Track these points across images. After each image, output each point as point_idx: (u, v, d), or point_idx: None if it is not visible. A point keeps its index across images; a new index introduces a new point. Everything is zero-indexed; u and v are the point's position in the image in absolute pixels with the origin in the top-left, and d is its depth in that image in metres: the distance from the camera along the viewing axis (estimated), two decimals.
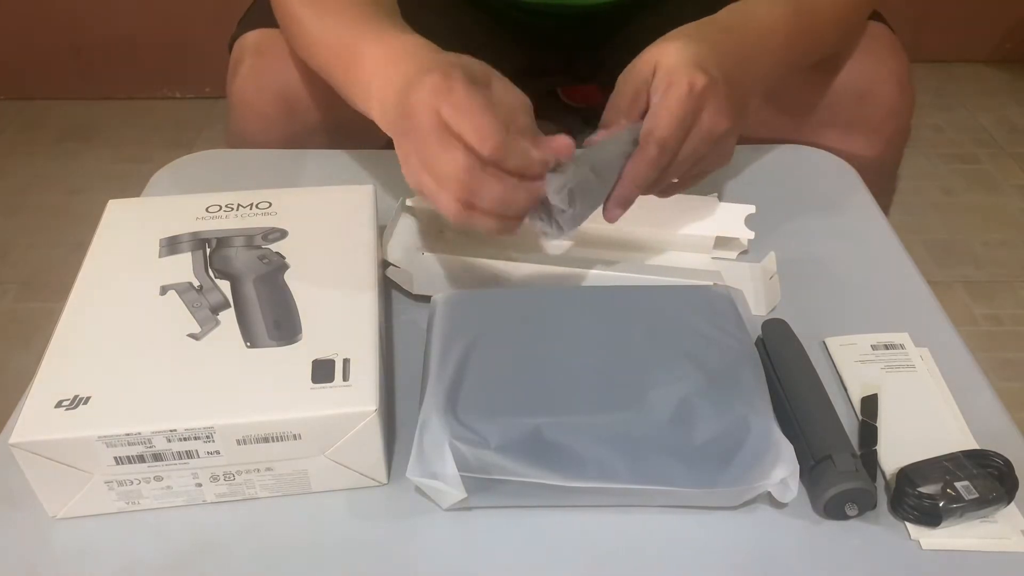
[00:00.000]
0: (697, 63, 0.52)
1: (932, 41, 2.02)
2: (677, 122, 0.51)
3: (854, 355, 0.57)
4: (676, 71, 0.52)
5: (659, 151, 0.52)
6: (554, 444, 0.45)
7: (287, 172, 0.74)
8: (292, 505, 0.48)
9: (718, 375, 0.48)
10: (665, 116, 0.51)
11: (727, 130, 0.53)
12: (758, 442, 0.46)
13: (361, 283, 0.54)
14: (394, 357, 0.57)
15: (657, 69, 0.53)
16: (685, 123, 0.52)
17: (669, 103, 0.51)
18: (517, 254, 0.61)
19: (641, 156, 0.52)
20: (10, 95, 2.03)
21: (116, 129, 1.95)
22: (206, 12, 1.88)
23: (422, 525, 0.47)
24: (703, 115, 0.52)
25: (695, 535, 0.46)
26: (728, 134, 0.54)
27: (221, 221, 0.58)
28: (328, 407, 0.45)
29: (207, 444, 0.45)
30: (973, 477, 0.46)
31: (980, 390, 0.55)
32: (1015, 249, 1.63)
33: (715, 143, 0.54)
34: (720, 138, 0.54)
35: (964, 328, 1.42)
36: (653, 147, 0.51)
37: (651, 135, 0.51)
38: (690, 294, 0.55)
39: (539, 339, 0.51)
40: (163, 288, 0.53)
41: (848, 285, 0.63)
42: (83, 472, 0.45)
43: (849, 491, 0.45)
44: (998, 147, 1.90)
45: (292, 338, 0.49)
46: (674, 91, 0.51)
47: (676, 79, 0.51)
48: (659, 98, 0.52)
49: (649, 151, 0.52)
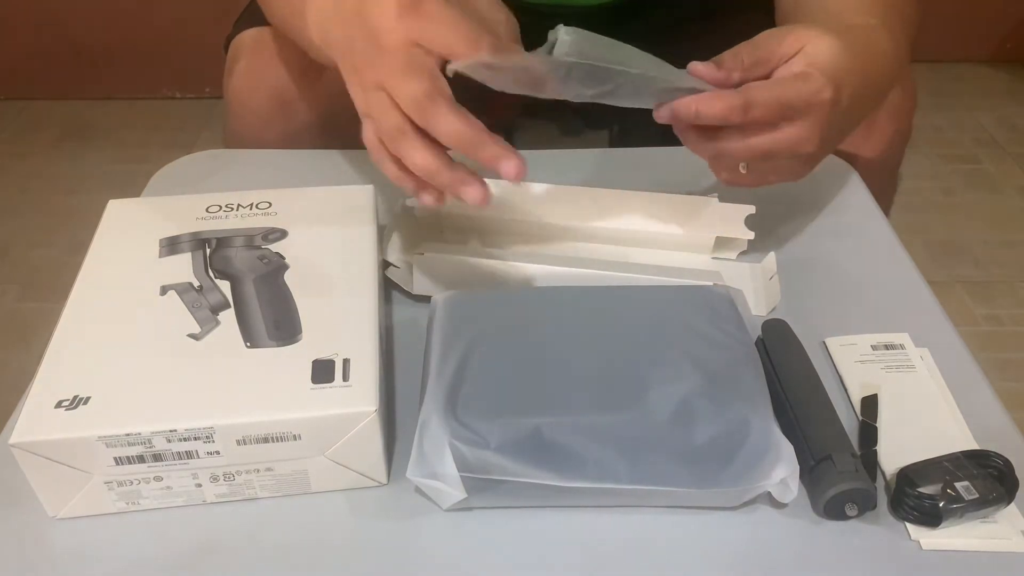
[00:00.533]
0: (838, 75, 0.51)
1: (932, 41, 2.01)
2: (781, 105, 0.50)
3: (854, 355, 0.57)
4: (819, 66, 0.50)
5: (743, 106, 0.49)
6: (554, 444, 0.45)
7: (287, 172, 0.74)
8: (292, 505, 0.48)
9: (718, 375, 0.48)
10: (778, 92, 0.50)
11: (810, 154, 0.53)
12: (758, 442, 0.46)
13: (361, 283, 0.54)
14: (394, 357, 0.57)
15: (801, 52, 0.51)
16: (785, 112, 0.50)
17: (790, 87, 0.50)
18: (517, 254, 0.61)
19: (725, 95, 0.50)
20: (10, 95, 2.03)
21: (116, 129, 1.95)
22: (206, 12, 1.88)
23: (422, 525, 0.47)
24: (800, 123, 0.51)
25: (695, 535, 0.46)
26: (809, 158, 0.53)
27: (221, 221, 0.58)
28: (328, 407, 0.45)
29: (207, 444, 0.45)
30: (973, 477, 0.46)
31: (980, 390, 0.55)
32: (1015, 249, 1.63)
33: (792, 155, 0.53)
34: (799, 155, 0.53)
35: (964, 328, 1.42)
36: (742, 98, 0.50)
37: (753, 90, 0.50)
38: (690, 294, 0.55)
39: (539, 339, 0.51)
40: (163, 288, 0.53)
41: (848, 285, 0.63)
42: (83, 472, 0.45)
43: (849, 491, 0.45)
44: (998, 147, 1.90)
45: (292, 338, 0.49)
46: (804, 85, 0.50)
47: (814, 76, 0.50)
48: (787, 75, 0.51)
49: (735, 97, 0.50)
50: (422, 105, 0.46)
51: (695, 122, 0.52)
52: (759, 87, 0.51)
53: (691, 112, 0.51)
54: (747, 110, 0.50)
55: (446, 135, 0.47)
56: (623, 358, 0.49)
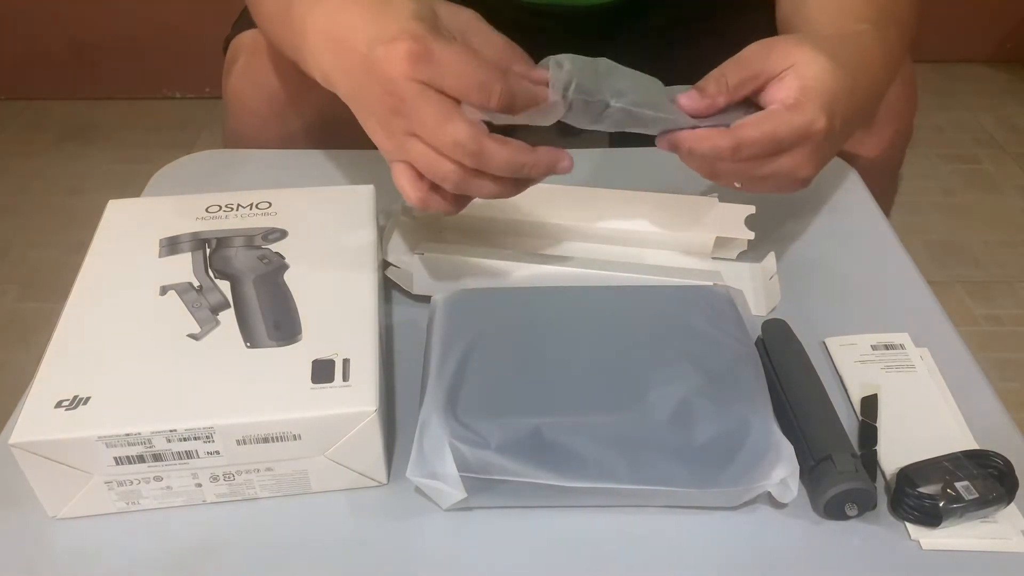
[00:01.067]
0: (831, 101, 0.50)
1: (932, 41, 2.01)
2: (773, 142, 0.50)
3: (854, 355, 0.57)
4: (810, 95, 0.49)
5: (733, 147, 0.49)
6: (554, 444, 0.45)
7: (287, 172, 0.74)
8: (292, 505, 0.48)
9: (718, 375, 0.48)
10: (769, 129, 0.49)
11: (808, 177, 0.53)
12: (758, 442, 0.46)
13: (361, 283, 0.54)
14: (394, 357, 0.57)
15: (792, 71, 0.51)
16: (778, 147, 0.50)
17: (782, 123, 0.49)
18: (517, 254, 0.61)
19: (714, 135, 0.50)
20: (10, 95, 2.03)
21: (116, 129, 1.95)
22: (206, 12, 1.88)
23: (422, 525, 0.47)
24: (797, 152, 0.51)
25: (695, 535, 0.46)
26: (807, 180, 0.53)
27: (221, 221, 0.58)
28: (328, 407, 0.45)
29: (207, 444, 0.45)
30: (973, 477, 0.46)
31: (980, 390, 0.55)
32: (1015, 249, 1.63)
33: (789, 180, 0.53)
34: (794, 179, 0.53)
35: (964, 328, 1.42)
36: (732, 139, 0.49)
37: (744, 129, 0.49)
38: (690, 294, 0.55)
39: (539, 339, 0.51)
40: (163, 288, 0.53)
41: (848, 285, 0.63)
42: (83, 472, 0.45)
43: (849, 491, 0.45)
44: (998, 147, 1.90)
45: (292, 338, 0.49)
46: (796, 118, 0.49)
47: (806, 107, 0.49)
48: (777, 105, 0.50)
49: (725, 138, 0.50)
50: (469, 150, 0.46)
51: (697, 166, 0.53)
52: (750, 125, 0.50)
53: (684, 150, 0.52)
54: (738, 151, 0.50)
55: (499, 169, 0.48)
56: (623, 358, 0.49)
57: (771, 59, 0.51)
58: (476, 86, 0.45)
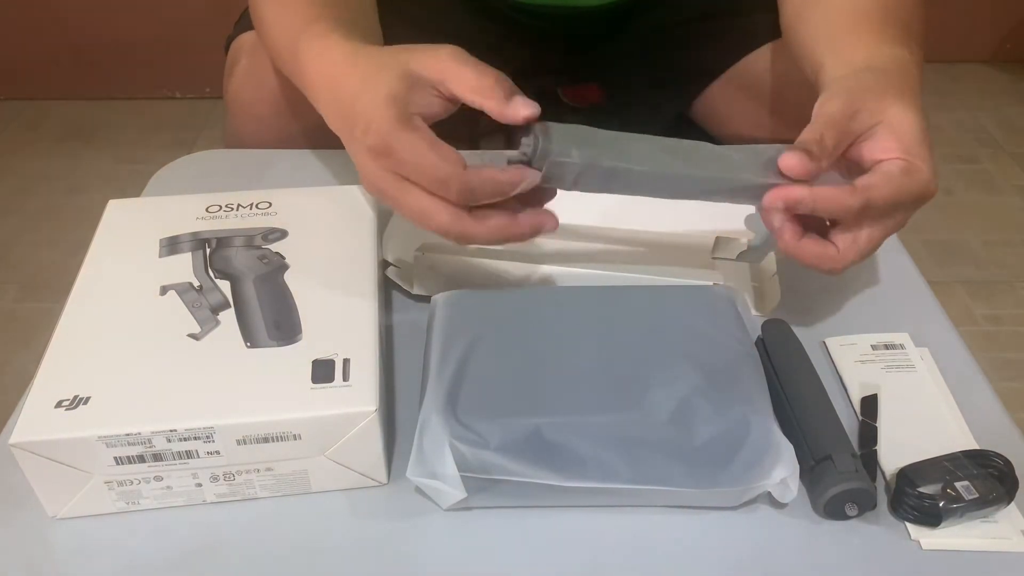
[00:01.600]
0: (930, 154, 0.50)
1: (932, 41, 2.01)
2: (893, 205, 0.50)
3: (854, 355, 0.57)
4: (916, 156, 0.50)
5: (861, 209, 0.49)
6: (554, 444, 0.45)
7: (287, 172, 0.74)
8: (292, 505, 0.48)
9: (718, 375, 0.48)
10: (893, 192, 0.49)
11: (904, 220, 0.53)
12: (758, 442, 0.46)
13: (361, 283, 0.54)
14: (394, 357, 0.57)
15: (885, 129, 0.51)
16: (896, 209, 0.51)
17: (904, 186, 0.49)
18: (517, 254, 0.61)
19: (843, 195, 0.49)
20: (10, 95, 2.03)
21: (116, 129, 1.95)
22: (206, 12, 1.88)
23: (422, 525, 0.47)
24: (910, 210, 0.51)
25: (695, 535, 0.46)
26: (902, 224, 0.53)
27: (221, 221, 0.58)
28: (328, 407, 0.45)
29: (207, 444, 0.45)
30: (973, 477, 0.46)
31: (980, 390, 0.55)
32: (1015, 249, 1.63)
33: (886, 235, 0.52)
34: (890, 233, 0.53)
35: (964, 328, 1.42)
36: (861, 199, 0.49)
37: (872, 191, 0.49)
38: (690, 294, 0.55)
39: (539, 339, 0.51)
40: (163, 288, 0.53)
41: (848, 285, 0.63)
42: (83, 472, 0.45)
43: (849, 491, 0.45)
44: (998, 147, 1.90)
45: (292, 338, 0.49)
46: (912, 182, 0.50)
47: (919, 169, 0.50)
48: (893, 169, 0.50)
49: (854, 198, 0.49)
50: (455, 232, 0.48)
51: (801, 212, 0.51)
52: (877, 187, 0.49)
53: (808, 208, 0.50)
54: (865, 211, 0.49)
55: (486, 241, 0.49)
56: (623, 358, 0.49)
57: (859, 118, 0.51)
58: (435, 182, 0.46)
